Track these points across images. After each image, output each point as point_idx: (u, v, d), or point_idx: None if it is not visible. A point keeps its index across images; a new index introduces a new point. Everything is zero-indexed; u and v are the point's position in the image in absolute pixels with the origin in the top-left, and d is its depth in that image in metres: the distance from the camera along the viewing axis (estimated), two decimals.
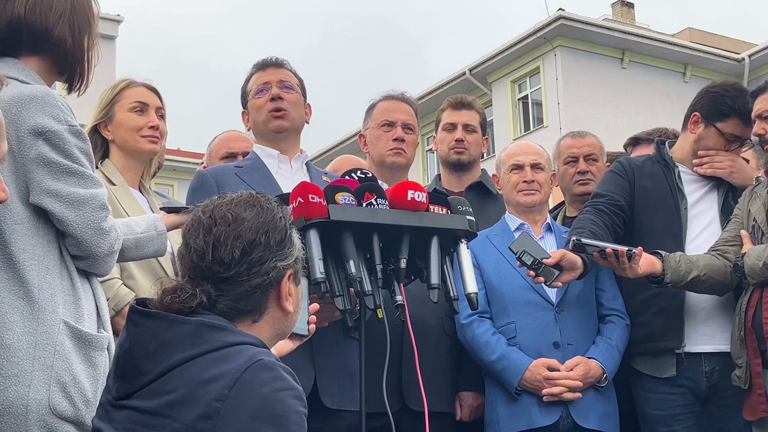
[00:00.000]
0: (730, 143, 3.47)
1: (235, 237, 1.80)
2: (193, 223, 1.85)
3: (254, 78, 3.33)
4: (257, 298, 1.83)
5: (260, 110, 3.25)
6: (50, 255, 2.15)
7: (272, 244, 1.83)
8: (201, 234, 1.82)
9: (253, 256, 1.80)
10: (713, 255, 3.28)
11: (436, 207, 2.80)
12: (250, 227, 1.82)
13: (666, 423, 3.36)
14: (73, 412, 2.07)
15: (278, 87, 3.25)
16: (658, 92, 23.10)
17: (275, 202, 1.91)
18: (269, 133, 3.27)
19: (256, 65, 3.36)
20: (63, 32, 2.30)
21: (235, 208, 1.84)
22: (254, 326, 1.85)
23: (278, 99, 3.23)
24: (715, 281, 3.24)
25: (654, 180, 3.52)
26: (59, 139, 2.16)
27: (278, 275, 1.84)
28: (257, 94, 3.26)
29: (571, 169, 3.98)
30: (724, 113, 3.45)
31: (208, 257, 1.80)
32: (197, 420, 1.65)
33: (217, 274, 1.80)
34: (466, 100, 4.05)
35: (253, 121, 3.30)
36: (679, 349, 3.33)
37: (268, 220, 1.85)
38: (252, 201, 1.87)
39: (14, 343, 2.04)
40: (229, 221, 1.82)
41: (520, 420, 3.27)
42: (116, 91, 3.24)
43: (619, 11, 28.77)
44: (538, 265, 3.11)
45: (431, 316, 3.32)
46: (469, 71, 24.05)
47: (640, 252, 3.14)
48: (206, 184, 3.09)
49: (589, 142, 4.07)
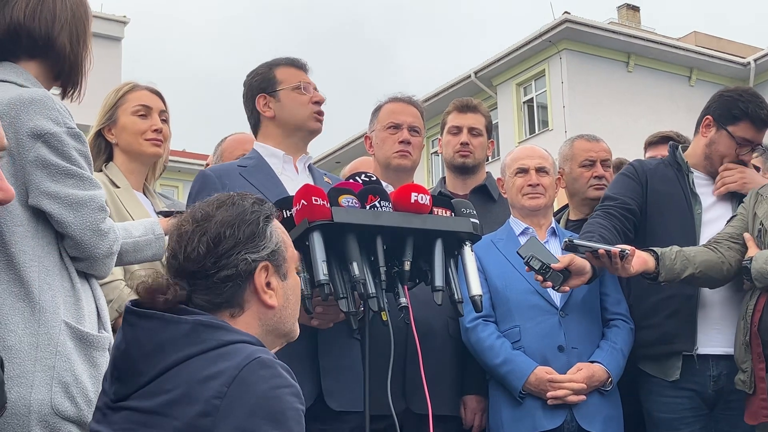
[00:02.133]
0: (740, 147, 3.45)
1: (202, 233, 1.85)
2: (173, 226, 1.93)
3: (291, 72, 3.24)
4: (229, 291, 1.85)
5: (304, 107, 3.19)
6: (50, 256, 2.16)
7: (241, 237, 1.87)
8: (175, 235, 1.89)
9: (219, 249, 1.84)
10: (711, 248, 3.27)
11: (440, 209, 2.80)
12: (216, 222, 1.87)
13: (673, 426, 3.36)
14: (75, 412, 2.08)
15: (317, 91, 3.23)
16: (664, 96, 23.08)
17: (252, 200, 1.95)
18: (302, 131, 3.22)
19: (291, 61, 3.28)
20: (63, 39, 2.31)
21: (206, 207, 1.90)
22: (237, 321, 1.86)
23: (321, 103, 3.22)
24: (710, 277, 3.25)
25: (667, 183, 3.51)
26: (58, 141, 2.17)
27: (248, 268, 1.86)
28: (299, 89, 3.20)
29: (587, 173, 3.95)
30: (736, 117, 3.44)
31: (180, 256, 1.85)
32: (196, 417, 1.66)
33: (188, 270, 1.85)
34: (471, 104, 4.04)
35: (288, 113, 3.20)
36: (691, 351, 3.32)
37: (236, 214, 1.89)
38: (225, 200, 1.93)
39: (16, 344, 2.04)
40: (198, 219, 1.88)
41: (524, 423, 3.26)
42: (120, 95, 3.26)
43: (625, 15, 28.75)
44: (546, 269, 3.11)
45: (435, 319, 3.32)
46: (475, 74, 24.06)
47: (632, 252, 3.13)
48: (210, 185, 3.05)
49: (605, 147, 4.07)
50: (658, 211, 3.48)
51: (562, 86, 22.38)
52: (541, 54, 22.98)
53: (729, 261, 3.23)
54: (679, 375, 3.33)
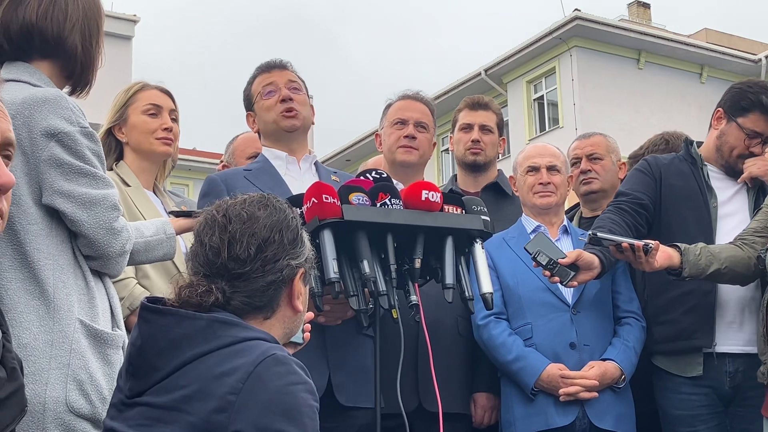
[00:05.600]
0: (750, 139, 3.44)
1: (251, 234, 1.84)
2: (208, 221, 1.90)
3: (259, 80, 3.31)
4: (270, 295, 1.86)
5: (270, 110, 3.24)
6: (64, 255, 2.17)
7: (285, 242, 1.88)
8: (216, 232, 1.86)
9: (268, 253, 1.84)
10: (737, 245, 3.24)
11: (451, 207, 2.80)
12: (265, 225, 1.86)
13: (689, 423, 3.34)
14: (89, 410, 2.09)
15: (287, 88, 3.25)
16: (675, 93, 23.02)
17: (286, 204, 1.97)
18: (280, 133, 3.25)
19: (260, 68, 3.34)
20: (75, 40, 2.32)
21: (249, 207, 1.89)
22: (265, 323, 1.88)
23: (289, 100, 3.23)
24: (738, 273, 3.21)
25: (682, 178, 3.51)
26: (71, 140, 2.18)
27: (291, 273, 1.88)
28: (266, 95, 3.25)
29: (575, 170, 3.97)
30: (745, 108, 3.44)
31: (223, 254, 1.83)
32: (211, 413, 1.68)
33: (232, 271, 1.83)
34: (483, 101, 4.04)
35: (263, 122, 3.28)
36: (710, 347, 3.31)
37: (281, 219, 1.90)
38: (264, 201, 1.93)
39: (31, 342, 2.05)
40: (244, 219, 1.86)
41: (536, 420, 3.26)
42: (130, 94, 3.27)
43: (636, 12, 28.68)
44: (553, 264, 3.10)
45: (445, 317, 3.32)
46: (485, 72, 24.04)
47: (656, 246, 3.12)
48: (216, 189, 3.09)
49: (593, 141, 4.06)
50: (673, 206, 3.47)
51: (572, 84, 22.34)
52: (552, 51, 22.95)
53: (756, 256, 3.21)
54: (701, 371, 3.31)
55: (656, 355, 3.45)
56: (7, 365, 1.62)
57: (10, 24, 2.28)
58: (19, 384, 1.64)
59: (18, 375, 1.64)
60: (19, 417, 1.65)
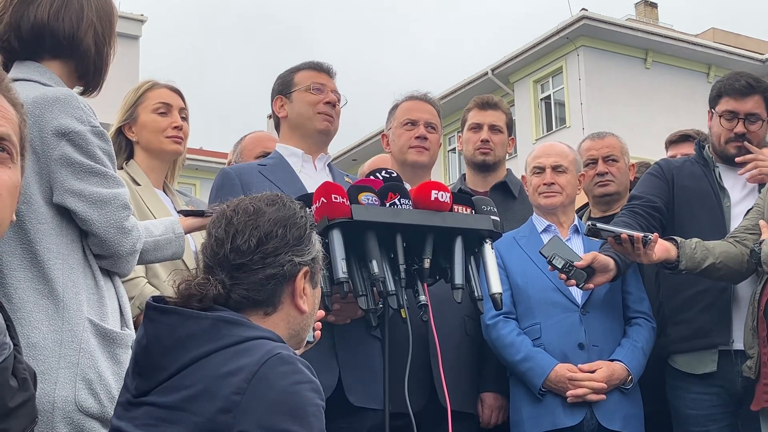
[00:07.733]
0: (728, 121, 3.50)
1: (253, 227, 1.86)
2: (218, 215, 1.93)
3: (309, 73, 3.30)
4: (270, 290, 1.86)
5: (313, 106, 3.24)
6: (74, 254, 2.17)
7: (289, 238, 1.88)
8: (223, 224, 1.89)
9: (269, 246, 1.86)
10: (731, 242, 3.27)
11: (461, 207, 2.80)
12: (269, 219, 1.88)
13: (700, 423, 3.35)
14: (98, 409, 2.09)
15: (334, 94, 3.27)
16: (682, 93, 22.96)
17: (298, 204, 1.97)
18: (311, 130, 3.25)
19: (312, 64, 3.34)
20: (89, 41, 2.32)
21: (257, 203, 1.91)
22: (267, 320, 1.87)
23: (333, 106, 3.25)
24: (731, 269, 3.24)
25: (694, 179, 3.55)
26: (82, 139, 2.18)
27: (293, 270, 1.88)
28: (315, 91, 3.24)
29: (590, 171, 3.96)
30: (717, 96, 3.57)
31: (226, 246, 1.85)
32: (217, 413, 1.67)
33: (233, 262, 1.84)
34: (492, 101, 4.04)
35: (297, 113, 3.26)
36: (727, 345, 3.31)
37: (287, 215, 1.91)
38: (275, 198, 1.95)
39: (40, 341, 2.05)
40: (249, 213, 1.88)
41: (544, 420, 3.26)
42: (140, 93, 3.27)
43: (643, 11, 28.63)
44: (569, 268, 3.11)
45: (453, 317, 3.31)
46: (492, 71, 24.01)
47: (655, 238, 3.14)
48: (231, 182, 3.10)
49: (608, 143, 4.05)
50: (687, 207, 3.50)
51: (579, 83, 22.30)
52: (559, 51, 22.91)
53: (749, 251, 3.22)
54: (716, 367, 3.31)
55: (673, 355, 3.45)
56: (19, 375, 1.61)
57: (20, 23, 2.27)
58: (30, 394, 1.63)
59: (29, 386, 1.64)
60: (30, 427, 1.65)
